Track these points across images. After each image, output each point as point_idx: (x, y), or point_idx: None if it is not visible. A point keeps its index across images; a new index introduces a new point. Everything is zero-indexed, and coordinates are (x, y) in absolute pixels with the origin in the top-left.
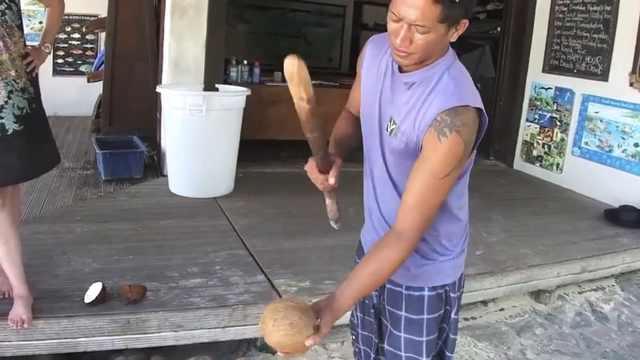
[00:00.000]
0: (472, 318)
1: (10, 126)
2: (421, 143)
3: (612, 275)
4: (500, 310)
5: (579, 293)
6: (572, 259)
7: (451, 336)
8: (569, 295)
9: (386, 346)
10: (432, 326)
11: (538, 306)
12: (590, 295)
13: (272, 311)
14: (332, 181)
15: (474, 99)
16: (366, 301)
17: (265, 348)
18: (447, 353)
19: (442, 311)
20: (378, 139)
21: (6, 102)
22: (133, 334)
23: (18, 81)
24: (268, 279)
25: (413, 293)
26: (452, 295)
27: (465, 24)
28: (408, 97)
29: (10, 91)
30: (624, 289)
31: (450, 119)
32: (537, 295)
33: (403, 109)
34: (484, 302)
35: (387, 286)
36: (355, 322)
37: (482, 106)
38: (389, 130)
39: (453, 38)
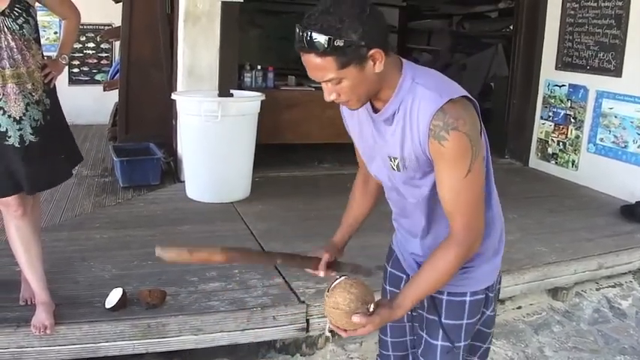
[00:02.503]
0: None
1: (28, 137)
2: (430, 155)
3: (630, 271)
4: (517, 308)
5: (597, 290)
6: (588, 256)
7: (485, 330)
8: (586, 292)
9: (419, 354)
10: (470, 331)
11: (555, 303)
12: (608, 291)
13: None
14: (322, 274)
15: (453, 90)
16: None
17: (285, 349)
18: (479, 344)
19: (480, 315)
20: (389, 179)
21: (24, 114)
22: (154, 339)
23: (34, 94)
24: (286, 281)
25: (453, 299)
26: (490, 294)
27: (377, 52)
28: (394, 128)
29: (28, 104)
30: None
31: (442, 122)
32: (555, 292)
33: (396, 140)
34: (501, 300)
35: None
36: (385, 329)
37: (464, 92)
38: (395, 167)
39: (380, 68)
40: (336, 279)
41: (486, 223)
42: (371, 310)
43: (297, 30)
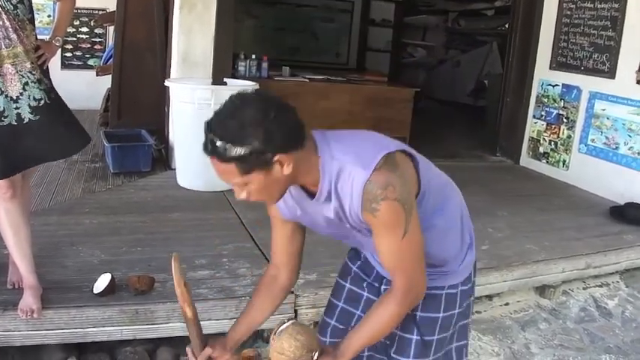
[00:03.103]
0: (477, 312)
1: (27, 116)
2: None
3: (617, 272)
4: (505, 304)
5: (584, 289)
6: (577, 255)
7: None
8: (573, 290)
9: (393, 353)
10: (446, 326)
11: (543, 301)
12: (595, 290)
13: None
14: None
15: (372, 154)
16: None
17: None
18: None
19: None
20: (350, 236)
21: (21, 93)
22: (142, 325)
23: (34, 72)
24: None
25: (430, 292)
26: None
27: (284, 157)
28: (333, 206)
29: (26, 83)
30: (629, 285)
31: (370, 196)
32: (542, 290)
33: (341, 214)
34: (489, 297)
35: None
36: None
37: (388, 147)
38: (351, 229)
39: (288, 171)
40: (284, 322)
41: (455, 233)
42: (315, 358)
43: (204, 131)
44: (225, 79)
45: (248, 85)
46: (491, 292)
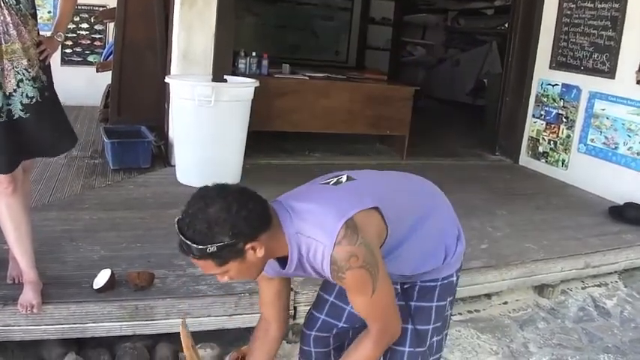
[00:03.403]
0: (475, 311)
1: (17, 113)
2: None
3: (615, 271)
4: (503, 303)
5: (582, 289)
6: (576, 255)
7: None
8: (572, 290)
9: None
10: (440, 315)
11: (541, 300)
12: (594, 290)
13: None
14: None
15: (332, 223)
16: None
17: None
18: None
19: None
20: None
21: (15, 90)
22: (141, 321)
23: (30, 70)
24: None
25: (425, 284)
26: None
27: (255, 244)
28: (306, 272)
29: (20, 80)
30: (627, 285)
31: (336, 266)
32: (541, 289)
33: (317, 274)
34: (488, 295)
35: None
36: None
37: (343, 217)
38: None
39: (261, 253)
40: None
41: (438, 234)
42: None
43: (176, 232)
44: (225, 77)
45: (249, 82)
46: (490, 291)
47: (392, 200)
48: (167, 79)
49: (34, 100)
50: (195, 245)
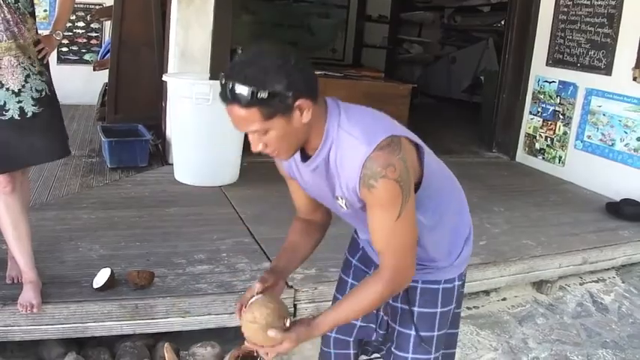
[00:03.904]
0: (474, 307)
1: (29, 109)
2: (362, 199)
3: (613, 267)
4: (502, 299)
5: (580, 284)
6: (573, 251)
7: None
8: (570, 286)
9: (394, 349)
10: (444, 321)
11: (540, 296)
12: (591, 286)
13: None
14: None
15: (379, 132)
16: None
17: None
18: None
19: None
20: (344, 214)
21: (23, 86)
22: (142, 320)
23: (34, 65)
24: None
25: (428, 286)
26: (458, 284)
27: (304, 103)
28: (331, 174)
29: (28, 75)
30: (625, 280)
31: (370, 171)
32: (539, 285)
33: (335, 184)
34: (486, 292)
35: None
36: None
37: (394, 130)
38: (343, 205)
39: (307, 118)
40: (253, 297)
41: (438, 232)
42: (287, 325)
43: (220, 81)
44: None
45: None
46: (488, 288)
47: (430, 161)
48: (165, 78)
49: (43, 93)
50: (245, 88)
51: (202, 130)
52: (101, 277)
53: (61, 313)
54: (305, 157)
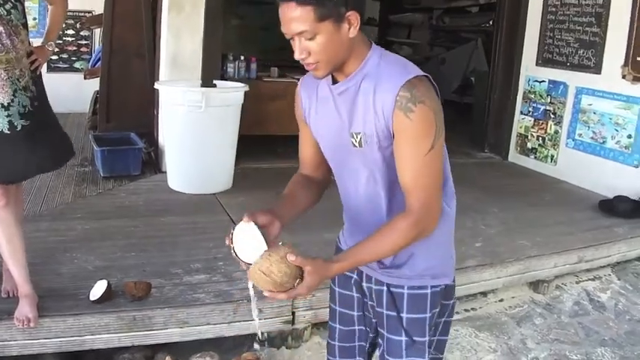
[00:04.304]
0: (472, 309)
1: (18, 122)
2: (392, 130)
3: (608, 265)
4: (499, 300)
5: (577, 283)
6: (569, 250)
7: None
8: (566, 285)
9: (386, 355)
10: (433, 325)
11: (536, 296)
12: (588, 284)
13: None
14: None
15: (419, 70)
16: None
17: (270, 342)
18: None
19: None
20: (349, 161)
21: (12, 100)
22: (139, 331)
23: (20, 80)
24: None
25: (415, 292)
26: (448, 300)
27: (354, 16)
28: (357, 103)
29: (15, 90)
30: (620, 278)
31: (409, 94)
32: (536, 285)
33: (357, 115)
34: (484, 293)
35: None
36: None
37: (429, 77)
38: (357, 143)
39: (354, 33)
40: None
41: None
42: (296, 285)
43: None
44: (214, 81)
45: (239, 87)
46: (485, 289)
47: (446, 158)
48: (157, 85)
49: (27, 108)
50: None
51: (195, 137)
52: (98, 289)
53: (58, 326)
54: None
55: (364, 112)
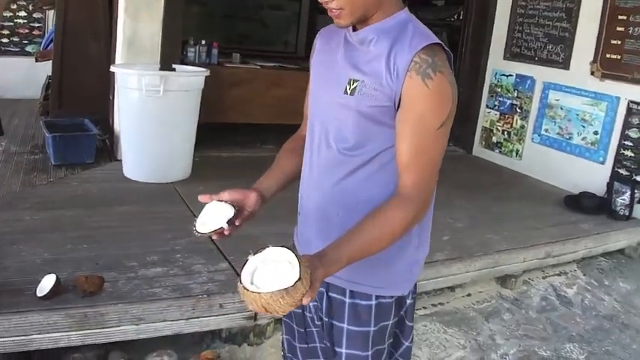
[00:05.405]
0: (440, 304)
1: None
2: (400, 94)
3: (574, 260)
4: (467, 295)
5: (543, 278)
6: (537, 245)
7: (406, 344)
8: (533, 280)
9: None
10: (378, 341)
11: (504, 291)
12: (554, 279)
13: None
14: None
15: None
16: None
17: (231, 339)
18: None
19: (397, 319)
20: (327, 113)
21: None
22: (91, 329)
23: None
24: (232, 267)
25: (358, 302)
26: (408, 301)
27: None
28: (370, 52)
29: None
30: (586, 273)
31: (430, 59)
32: (503, 280)
33: (365, 63)
34: (451, 288)
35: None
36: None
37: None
38: (349, 90)
39: None
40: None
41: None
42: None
43: None
44: (174, 66)
45: (199, 72)
46: (453, 284)
47: None
48: (112, 68)
49: None
50: None
51: (152, 123)
52: (46, 284)
53: (2, 325)
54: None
55: (375, 61)
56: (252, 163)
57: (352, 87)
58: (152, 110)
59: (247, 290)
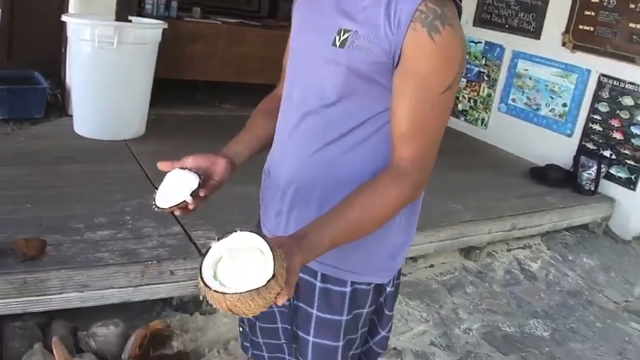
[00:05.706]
0: (402, 274)
1: None
2: (400, 49)
3: (538, 234)
4: (429, 266)
5: (507, 251)
6: (503, 217)
7: (377, 350)
8: (497, 252)
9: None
10: (351, 330)
11: (468, 263)
12: (518, 253)
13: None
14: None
15: None
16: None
17: (182, 307)
18: (377, 350)
19: (374, 306)
20: (316, 68)
21: None
22: (32, 296)
23: None
24: (185, 231)
25: (331, 287)
26: (388, 288)
27: None
28: (366, 4)
29: None
30: (550, 247)
31: (439, 9)
32: (467, 252)
33: (359, 9)
34: (414, 258)
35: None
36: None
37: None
38: (339, 42)
39: None
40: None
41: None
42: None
43: None
44: (130, 17)
45: (156, 24)
46: (416, 254)
47: None
48: (64, 18)
49: None
50: None
51: (105, 77)
52: None
53: None
54: None
55: (371, 8)
56: (209, 122)
57: (343, 38)
58: (105, 64)
59: (210, 289)
